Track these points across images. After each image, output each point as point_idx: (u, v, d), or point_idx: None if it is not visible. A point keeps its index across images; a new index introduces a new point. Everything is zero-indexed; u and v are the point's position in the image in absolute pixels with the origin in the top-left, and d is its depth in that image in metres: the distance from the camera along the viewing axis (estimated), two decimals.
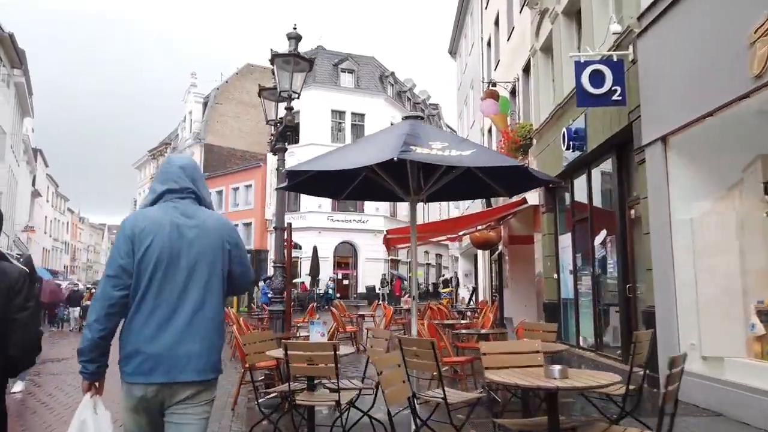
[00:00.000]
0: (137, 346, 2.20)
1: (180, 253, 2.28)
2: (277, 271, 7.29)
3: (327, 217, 32.05)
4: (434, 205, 41.59)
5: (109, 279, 2.23)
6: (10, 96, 26.60)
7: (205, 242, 2.33)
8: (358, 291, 32.43)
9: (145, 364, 2.18)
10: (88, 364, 2.22)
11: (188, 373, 2.21)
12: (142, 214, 2.35)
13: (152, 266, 2.23)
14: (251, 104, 40.57)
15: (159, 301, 2.23)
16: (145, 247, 2.24)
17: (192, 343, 2.23)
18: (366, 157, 4.18)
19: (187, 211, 2.37)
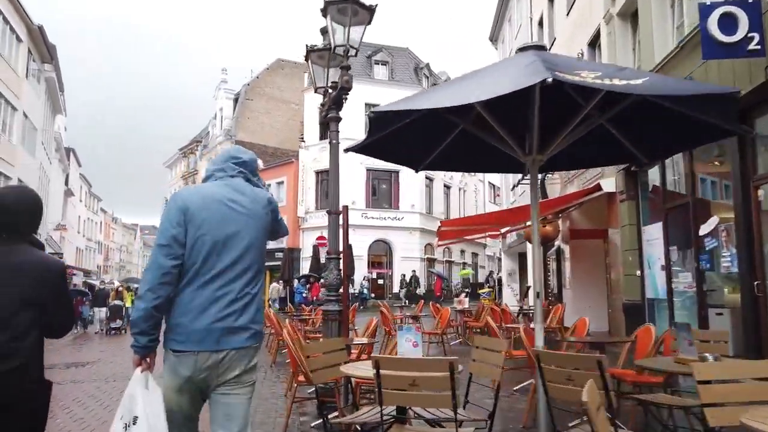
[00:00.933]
0: (187, 318, 2.24)
1: (232, 230, 2.33)
2: (332, 263, 6.08)
3: (361, 214, 30.86)
4: (470, 199, 40.13)
5: (161, 248, 2.25)
6: (40, 91, 26.16)
7: (255, 219, 2.40)
8: (394, 291, 31.17)
9: (194, 335, 2.23)
10: (140, 336, 2.24)
11: (236, 341, 2.27)
12: (194, 189, 2.40)
13: (207, 243, 2.28)
14: (282, 99, 39.75)
15: (212, 274, 2.26)
16: (200, 222, 2.29)
17: (241, 315, 2.30)
18: (487, 90, 2.89)
19: (240, 187, 2.43)
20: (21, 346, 2.09)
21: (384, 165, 32.50)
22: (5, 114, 21.08)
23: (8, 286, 2.11)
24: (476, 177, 40.95)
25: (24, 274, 2.15)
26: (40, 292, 2.16)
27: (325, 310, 5.88)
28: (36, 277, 2.16)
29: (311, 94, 33.16)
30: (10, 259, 2.16)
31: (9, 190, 2.42)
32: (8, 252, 2.18)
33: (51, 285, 2.20)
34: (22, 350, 2.09)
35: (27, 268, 2.17)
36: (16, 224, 2.22)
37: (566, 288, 14.25)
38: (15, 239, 2.21)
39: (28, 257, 2.20)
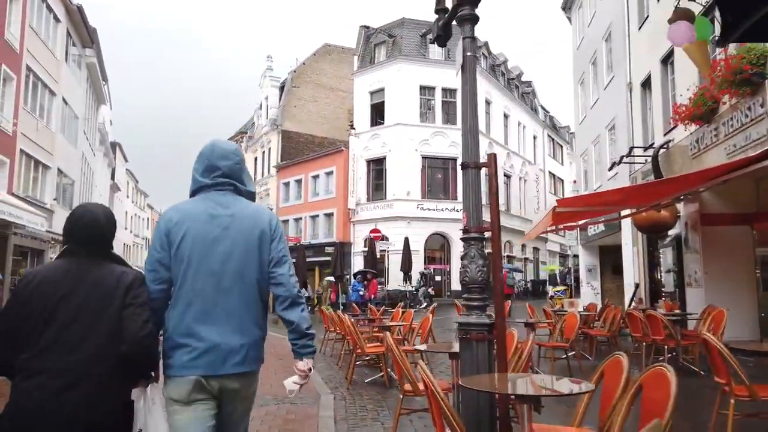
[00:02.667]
0: (177, 339, 2.19)
1: (214, 243, 2.25)
2: (473, 248, 3.81)
3: (417, 206, 28.59)
4: (530, 189, 37.32)
5: (147, 273, 2.26)
6: (81, 78, 24.93)
7: (240, 231, 2.29)
8: (452, 288, 28.76)
9: (185, 357, 2.16)
10: None
11: (228, 366, 2.19)
12: (176, 207, 2.34)
13: (187, 257, 2.22)
14: (329, 87, 37.85)
15: (195, 292, 2.21)
16: (180, 238, 2.23)
17: (233, 336, 2.21)
18: None
19: (223, 200, 2.34)
20: (104, 365, 2.06)
21: (441, 152, 30.22)
22: (42, 98, 19.75)
23: (89, 301, 2.10)
24: (536, 166, 38.07)
25: (103, 291, 2.13)
26: (117, 308, 2.13)
27: (464, 323, 3.59)
28: (113, 292, 2.14)
29: (361, 78, 31.06)
30: (93, 273, 2.16)
31: (96, 209, 2.29)
32: (91, 267, 2.18)
33: (123, 297, 2.15)
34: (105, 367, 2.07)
35: (107, 283, 2.15)
36: (104, 241, 2.23)
37: (691, 286, 11.57)
38: (95, 255, 2.20)
39: (108, 272, 2.19)
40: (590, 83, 20.55)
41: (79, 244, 2.18)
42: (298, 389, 2.40)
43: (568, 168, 46.49)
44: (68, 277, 2.12)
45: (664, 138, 13.11)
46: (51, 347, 2.02)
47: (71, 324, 2.05)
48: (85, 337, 2.05)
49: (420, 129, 29.03)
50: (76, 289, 2.10)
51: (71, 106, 22.90)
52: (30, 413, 1.97)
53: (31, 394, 1.97)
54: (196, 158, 2.45)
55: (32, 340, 2.03)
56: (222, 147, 2.43)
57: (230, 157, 2.41)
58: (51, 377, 1.99)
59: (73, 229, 2.20)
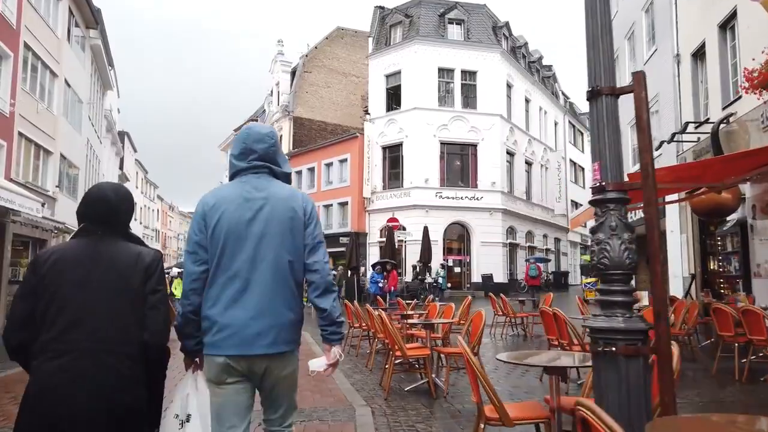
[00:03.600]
0: (211, 318, 2.23)
1: (249, 225, 2.27)
2: (611, 213, 2.56)
3: (435, 194, 27.32)
4: (552, 177, 35.97)
5: (188, 255, 2.31)
6: (85, 60, 23.83)
7: (273, 213, 2.30)
8: (472, 281, 27.54)
9: (218, 336, 2.21)
10: (185, 340, 2.31)
11: (258, 347, 2.21)
12: (213, 192, 2.39)
13: (222, 239, 2.26)
14: (342, 72, 36.57)
15: (231, 273, 2.24)
16: (215, 221, 2.28)
17: (262, 317, 2.22)
18: None
19: (259, 184, 2.36)
20: (128, 343, 2.02)
21: (460, 138, 28.86)
22: (43, 79, 18.67)
23: (107, 280, 2.06)
24: (558, 153, 36.61)
25: (119, 269, 2.08)
26: (135, 286, 2.08)
27: (602, 329, 2.36)
28: (130, 272, 2.09)
29: (376, 61, 29.75)
30: (109, 253, 2.11)
31: (105, 185, 2.26)
32: (107, 246, 2.12)
33: (143, 277, 2.10)
34: (130, 346, 2.02)
35: (123, 262, 2.10)
36: (116, 218, 2.17)
37: (760, 276, 10.27)
38: (111, 234, 2.15)
39: (124, 251, 2.13)
40: (625, 60, 19.12)
41: (91, 221, 2.15)
42: (323, 372, 2.39)
43: (589, 156, 44.97)
44: (85, 255, 2.08)
45: (723, 112, 11.75)
46: (72, 328, 1.98)
47: (92, 304, 2.01)
48: (108, 317, 2.01)
49: (438, 113, 27.70)
50: (94, 268, 2.06)
51: (75, 90, 21.83)
52: (55, 395, 1.92)
53: (55, 376, 1.93)
54: (233, 143, 2.48)
55: (50, 321, 1.99)
56: (257, 130, 2.46)
57: (265, 140, 2.42)
58: (75, 358, 1.95)
59: (85, 207, 2.18)
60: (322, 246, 2.39)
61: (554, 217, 35.46)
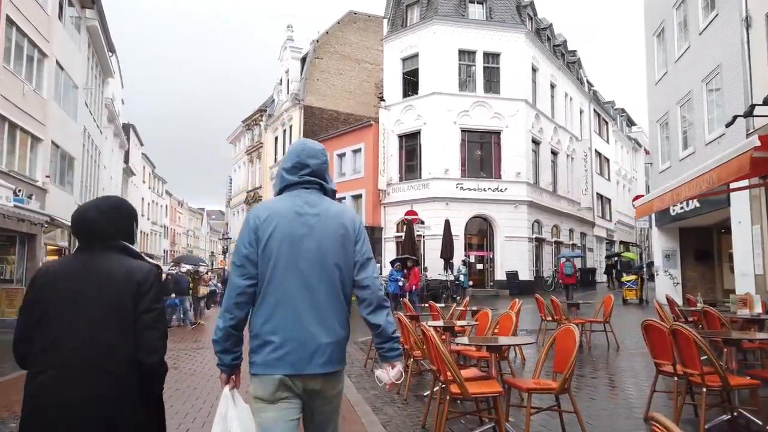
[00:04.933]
0: (263, 336, 2.19)
1: (302, 241, 2.25)
2: None
3: (456, 185, 25.43)
4: (578, 167, 33.98)
5: (235, 268, 2.25)
6: (81, 43, 22.20)
7: (326, 230, 2.30)
8: (496, 278, 25.65)
9: (271, 356, 2.17)
10: (222, 355, 2.23)
11: (314, 366, 2.17)
12: (265, 204, 2.36)
13: (275, 254, 2.22)
14: (355, 58, 34.74)
15: (282, 290, 2.20)
16: (268, 235, 2.24)
17: (318, 335, 2.20)
18: None
19: (311, 199, 2.35)
20: (112, 360, 1.98)
21: (482, 125, 26.84)
22: (30, 58, 17.03)
23: (97, 295, 2.03)
24: (584, 143, 34.53)
25: (110, 285, 2.05)
26: (126, 303, 2.04)
27: None
28: (121, 287, 2.06)
29: (392, 44, 27.87)
30: (100, 268, 2.09)
31: (90, 202, 2.26)
32: (100, 261, 2.11)
33: (136, 294, 2.05)
34: (114, 363, 1.98)
35: (113, 277, 2.07)
36: (101, 234, 2.14)
37: None
38: (104, 249, 2.13)
39: (115, 266, 2.10)
40: (674, 32, 17.09)
41: (78, 239, 2.16)
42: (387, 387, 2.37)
43: (614, 146, 42.80)
44: (75, 271, 2.10)
45: None
46: (60, 342, 1.98)
47: (79, 318, 2.00)
48: (95, 332, 1.99)
49: (459, 99, 25.77)
50: (81, 284, 2.05)
51: (68, 73, 20.19)
52: (43, 409, 1.94)
53: (43, 390, 1.95)
54: (285, 156, 2.49)
55: (39, 335, 2.02)
56: (311, 146, 2.46)
57: (318, 156, 2.43)
58: (62, 372, 1.94)
59: (70, 225, 2.21)
60: (372, 262, 2.38)
61: (580, 210, 33.43)
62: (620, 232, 42.93)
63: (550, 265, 28.75)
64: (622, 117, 47.54)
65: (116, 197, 2.33)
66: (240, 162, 44.38)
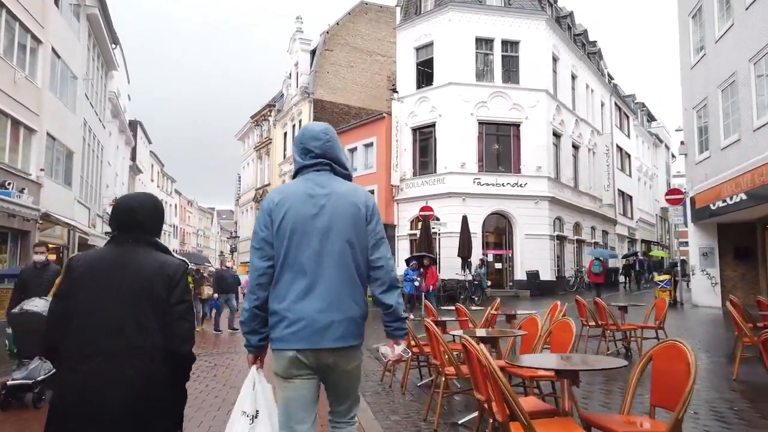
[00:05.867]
0: (279, 313, 2.27)
1: (313, 221, 2.32)
2: None
3: (473, 180, 24.15)
4: (600, 162, 32.56)
5: (254, 251, 2.37)
6: (80, 32, 21.23)
7: (337, 209, 2.35)
8: (515, 278, 24.33)
9: (287, 330, 2.25)
10: (250, 335, 2.35)
11: (328, 340, 2.24)
12: (278, 189, 2.47)
13: (288, 234, 2.31)
14: (366, 50, 33.57)
15: (297, 268, 2.29)
16: (281, 217, 2.33)
17: (330, 312, 2.25)
18: None
19: (321, 180, 2.42)
20: (149, 344, 2.07)
21: (501, 116, 25.40)
22: (22, 44, 16.03)
23: (130, 287, 2.12)
24: (605, 137, 33.08)
25: (144, 276, 2.15)
26: (159, 294, 2.15)
27: None
28: (153, 279, 2.15)
29: (405, 32, 26.62)
30: (134, 260, 2.18)
31: (132, 196, 2.39)
32: (132, 253, 2.20)
33: (168, 287, 2.17)
34: (151, 347, 2.07)
35: (147, 269, 2.16)
36: (140, 225, 2.24)
37: None
38: (137, 242, 2.22)
39: (148, 258, 2.20)
40: (713, 10, 15.71)
41: (119, 230, 2.23)
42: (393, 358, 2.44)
43: (635, 142, 41.24)
44: (110, 262, 2.16)
45: None
46: (95, 331, 2.03)
47: (113, 309, 2.07)
48: (128, 323, 2.05)
49: (476, 89, 24.48)
50: (117, 275, 2.12)
51: (66, 62, 19.20)
52: (77, 395, 1.99)
53: (78, 377, 2.00)
54: (293, 145, 2.67)
55: (75, 324, 2.06)
56: (311, 129, 2.53)
57: (320, 137, 2.47)
58: (97, 360, 2.00)
59: (112, 217, 2.28)
60: (385, 242, 2.44)
61: (602, 207, 31.97)
62: (642, 231, 41.33)
63: (572, 264, 27.37)
64: (643, 111, 45.90)
65: (151, 194, 2.42)
66: (248, 159, 43.38)
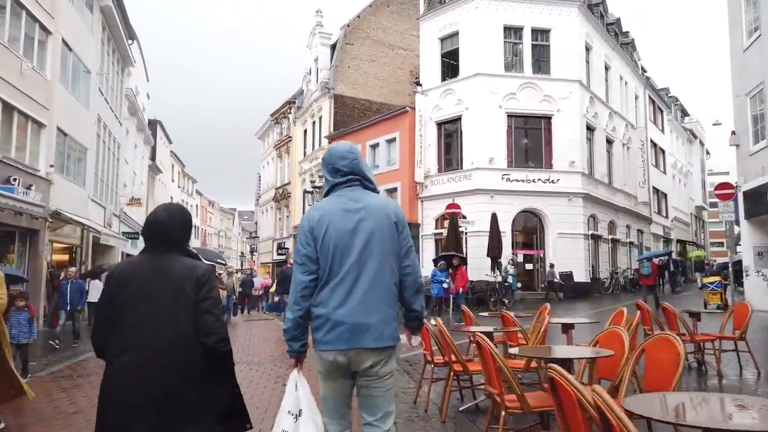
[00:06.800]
0: (324, 316, 2.53)
1: (352, 235, 2.58)
2: None
3: (501, 176, 22.89)
4: (634, 158, 30.97)
5: (298, 266, 2.61)
6: (93, 24, 20.55)
7: (372, 221, 2.61)
8: (547, 280, 22.97)
9: (330, 333, 2.51)
10: (293, 342, 2.60)
11: (367, 340, 2.49)
12: (316, 207, 2.74)
13: (331, 249, 2.56)
14: (388, 44, 32.50)
15: (339, 277, 2.54)
16: (323, 234, 2.58)
17: (368, 315, 2.51)
18: None
19: (354, 196, 2.67)
20: (185, 340, 2.32)
21: (531, 109, 23.86)
22: (29, 34, 15.31)
23: (165, 290, 2.38)
24: (639, 131, 31.46)
25: (177, 279, 2.41)
26: (190, 294, 2.39)
27: None
28: (184, 282, 2.40)
29: (429, 22, 25.46)
30: (166, 266, 2.44)
31: (160, 208, 2.64)
32: (165, 260, 2.46)
33: (197, 287, 2.40)
34: (187, 343, 2.33)
35: (178, 274, 2.42)
36: (169, 236, 2.49)
37: None
38: (169, 250, 2.48)
39: (179, 264, 2.46)
40: None
41: (151, 240, 2.50)
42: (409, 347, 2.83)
43: (669, 137, 39.42)
44: (147, 269, 2.44)
45: None
46: (135, 330, 2.31)
47: (152, 310, 2.33)
48: (164, 321, 2.32)
49: (505, 80, 23.22)
50: (154, 280, 2.39)
51: (78, 55, 18.50)
52: (122, 387, 2.26)
53: (121, 369, 2.28)
54: (322, 165, 2.87)
55: (120, 324, 2.35)
56: (337, 149, 2.78)
57: (347, 156, 2.72)
58: (137, 355, 2.28)
59: (144, 229, 2.54)
60: (413, 250, 2.74)
61: (636, 205, 30.39)
62: (677, 230, 39.49)
63: (607, 265, 25.91)
64: (677, 106, 43.98)
65: (180, 205, 2.78)
66: (268, 158, 42.65)
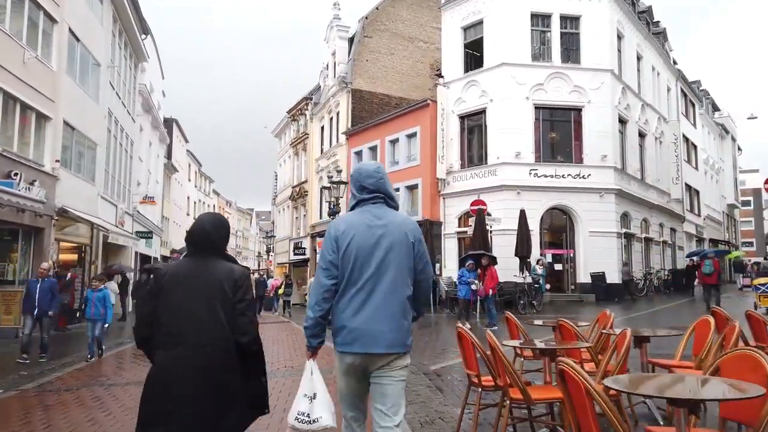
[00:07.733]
0: (342, 322, 2.81)
1: (372, 249, 2.84)
2: None
3: (529, 171, 21.68)
4: (667, 153, 29.38)
5: (322, 270, 2.87)
6: (103, 15, 19.81)
7: (392, 238, 2.87)
8: (578, 281, 21.71)
9: (347, 337, 2.79)
10: (312, 339, 2.88)
11: (380, 346, 2.75)
12: (342, 219, 3.02)
13: (352, 260, 2.82)
14: (407, 37, 31.42)
15: (358, 287, 2.81)
16: (346, 245, 2.84)
17: (382, 323, 2.77)
18: None
19: (378, 213, 2.94)
20: (224, 335, 2.65)
21: (560, 100, 22.26)
22: (33, 21, 14.56)
23: (206, 291, 2.70)
24: (672, 125, 29.94)
25: (217, 281, 2.72)
26: (227, 295, 2.70)
27: None
28: (224, 283, 2.72)
29: (451, 11, 24.31)
30: (208, 269, 2.76)
31: (205, 217, 2.99)
32: (207, 264, 2.79)
33: (234, 288, 2.72)
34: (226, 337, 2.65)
35: (218, 276, 2.74)
36: (212, 243, 2.85)
37: None
38: (210, 254, 2.82)
39: (219, 267, 2.78)
40: None
41: (194, 246, 2.84)
42: None
43: (701, 132, 37.74)
44: (190, 271, 2.77)
45: None
46: (181, 326, 2.63)
47: (194, 308, 2.65)
48: (207, 318, 2.63)
49: (532, 70, 22.01)
50: (197, 281, 2.72)
51: (86, 46, 17.76)
52: (168, 378, 2.59)
53: (170, 361, 2.60)
54: (350, 181, 3.15)
55: (165, 321, 2.66)
56: (366, 168, 3.05)
57: (374, 175, 2.99)
58: (185, 348, 2.58)
59: (189, 236, 2.87)
60: (429, 264, 3.02)
61: (669, 202, 28.90)
62: (709, 229, 37.79)
63: (641, 265, 24.52)
64: (708, 100, 42.21)
65: (219, 214, 3.18)
66: (285, 156, 41.82)
